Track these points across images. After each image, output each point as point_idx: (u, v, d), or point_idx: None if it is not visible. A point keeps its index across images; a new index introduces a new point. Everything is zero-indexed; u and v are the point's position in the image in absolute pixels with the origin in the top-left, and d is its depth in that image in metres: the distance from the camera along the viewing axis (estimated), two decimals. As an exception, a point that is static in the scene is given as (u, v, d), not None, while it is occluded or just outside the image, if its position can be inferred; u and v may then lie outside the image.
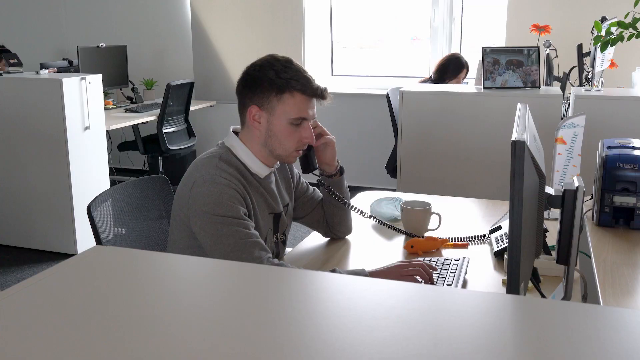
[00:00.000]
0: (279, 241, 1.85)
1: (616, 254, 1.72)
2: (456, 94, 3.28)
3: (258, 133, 1.71)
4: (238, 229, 1.58)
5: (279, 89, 1.66)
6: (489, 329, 0.74)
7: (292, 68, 1.69)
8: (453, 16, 5.16)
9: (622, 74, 4.07)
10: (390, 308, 0.77)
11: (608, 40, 2.29)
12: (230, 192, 1.61)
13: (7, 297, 0.79)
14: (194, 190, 1.62)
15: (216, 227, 1.59)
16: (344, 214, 1.95)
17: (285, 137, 1.70)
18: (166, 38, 5.75)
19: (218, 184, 1.61)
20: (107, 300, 0.79)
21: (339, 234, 1.98)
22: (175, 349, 0.67)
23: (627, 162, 1.84)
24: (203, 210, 1.60)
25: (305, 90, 1.68)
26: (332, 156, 1.87)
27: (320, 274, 0.89)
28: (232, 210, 1.59)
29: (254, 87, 1.69)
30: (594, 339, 0.71)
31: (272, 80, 1.66)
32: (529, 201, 1.12)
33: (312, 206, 1.96)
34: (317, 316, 0.75)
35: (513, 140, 1.03)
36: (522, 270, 1.09)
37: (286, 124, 1.69)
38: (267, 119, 1.69)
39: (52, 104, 3.73)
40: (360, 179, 5.34)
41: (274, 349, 0.67)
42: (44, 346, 0.68)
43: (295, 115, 1.68)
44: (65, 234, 3.91)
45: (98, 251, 0.95)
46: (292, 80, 1.66)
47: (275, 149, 1.72)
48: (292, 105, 1.68)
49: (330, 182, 1.90)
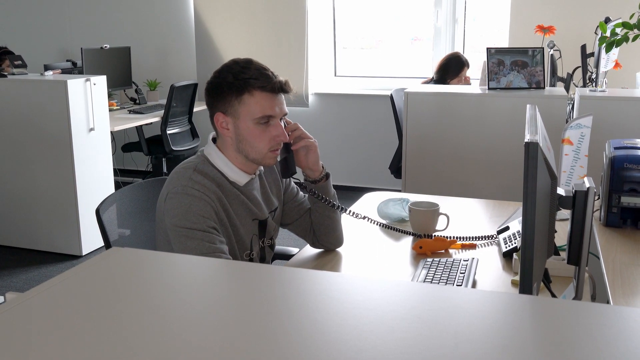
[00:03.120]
0: (265, 246, 1.83)
1: (624, 254, 1.72)
2: (461, 94, 3.28)
3: (229, 140, 1.69)
4: (202, 243, 1.57)
5: (238, 90, 1.64)
6: (507, 328, 0.75)
7: (251, 68, 1.65)
8: (456, 17, 5.16)
9: (626, 75, 4.08)
10: (410, 308, 0.78)
11: (613, 41, 2.29)
12: (200, 205, 1.60)
13: (30, 298, 0.80)
14: (167, 202, 1.63)
15: (181, 240, 1.58)
16: (331, 223, 1.86)
17: (255, 139, 1.66)
18: (169, 39, 5.76)
19: (189, 196, 1.60)
20: (128, 301, 0.80)
21: (327, 244, 1.89)
22: (197, 347, 0.68)
23: (634, 163, 1.85)
24: (172, 222, 1.60)
25: (265, 87, 1.63)
26: (314, 160, 1.79)
27: (338, 275, 0.90)
28: (198, 223, 1.58)
29: (215, 94, 1.67)
30: (608, 338, 0.72)
31: (230, 83, 1.64)
32: (542, 202, 1.13)
33: (299, 214, 1.90)
34: (337, 317, 0.76)
35: (526, 142, 1.04)
36: (535, 271, 1.09)
37: (253, 125, 1.65)
38: (234, 124, 1.67)
39: (57, 106, 3.74)
40: (364, 180, 5.35)
41: (296, 351, 0.68)
42: (69, 346, 0.69)
43: (259, 114, 1.64)
44: (70, 235, 3.92)
45: (116, 253, 0.95)
46: (250, 79, 1.63)
47: (248, 153, 1.68)
48: (254, 104, 1.64)
49: (315, 187, 1.82)
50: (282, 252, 2.08)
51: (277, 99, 1.66)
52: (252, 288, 0.86)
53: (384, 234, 2.05)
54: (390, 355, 0.66)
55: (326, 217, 1.85)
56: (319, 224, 1.86)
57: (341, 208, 1.87)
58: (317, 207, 1.85)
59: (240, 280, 0.89)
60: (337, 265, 1.83)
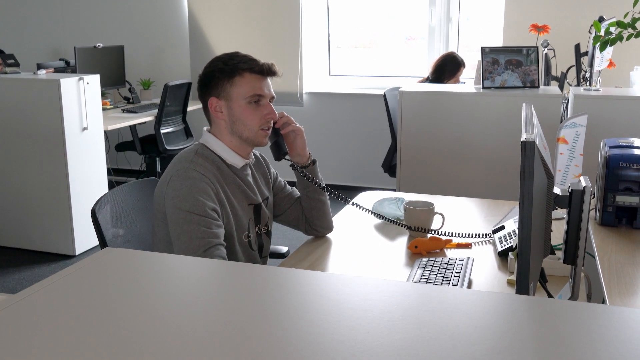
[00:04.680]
0: (262, 232, 1.90)
1: (620, 253, 1.72)
2: (456, 93, 3.28)
3: (224, 123, 1.80)
4: (198, 227, 1.64)
5: (229, 74, 1.77)
6: (504, 329, 0.74)
7: (239, 55, 1.80)
8: (450, 16, 5.16)
9: (619, 74, 4.09)
10: (406, 309, 0.77)
11: (607, 40, 2.29)
12: (201, 186, 1.68)
13: (21, 299, 0.79)
14: (169, 185, 1.70)
15: (178, 222, 1.66)
16: (321, 206, 1.97)
17: (247, 117, 1.77)
18: (163, 38, 5.74)
19: (190, 178, 1.68)
20: (121, 302, 0.79)
21: (320, 229, 1.99)
22: (189, 348, 0.67)
23: (629, 162, 1.85)
24: (173, 203, 1.67)
25: (253, 68, 1.77)
26: (302, 146, 1.91)
27: (333, 276, 0.89)
28: (197, 206, 1.65)
29: (207, 81, 1.80)
30: (605, 338, 0.71)
31: (221, 69, 1.77)
32: (538, 201, 1.12)
33: (289, 203, 2.00)
34: (333, 318, 0.75)
35: (523, 141, 1.03)
36: (532, 270, 1.09)
37: (245, 105, 1.77)
38: (227, 106, 1.78)
39: (50, 105, 3.72)
40: (358, 179, 5.34)
41: (291, 352, 0.67)
42: (61, 347, 0.68)
43: (250, 92, 1.76)
44: (63, 235, 3.90)
45: (109, 253, 0.94)
46: (240, 63, 1.77)
47: (242, 132, 1.79)
48: (245, 85, 1.76)
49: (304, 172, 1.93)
50: (273, 251, 2.08)
51: (265, 81, 1.79)
52: (246, 289, 0.85)
53: (379, 233, 2.05)
54: (387, 357, 0.65)
55: (317, 200, 1.96)
56: (310, 208, 1.96)
57: (330, 190, 1.98)
58: (307, 191, 1.95)
59: (234, 281, 0.88)
60: (333, 265, 1.83)
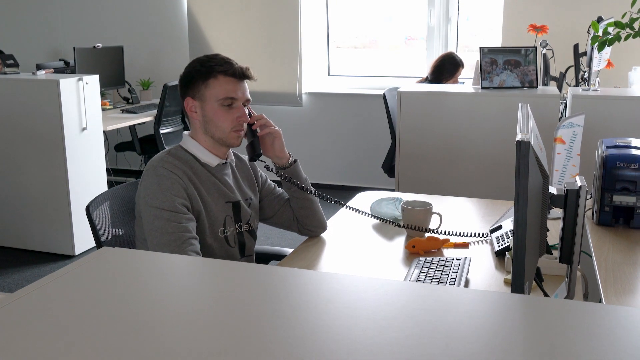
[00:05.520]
0: (243, 231, 1.91)
1: (617, 253, 1.73)
2: (454, 94, 3.29)
3: (198, 123, 1.85)
4: (168, 222, 1.68)
5: (204, 76, 1.81)
6: (498, 328, 0.74)
7: (217, 57, 1.84)
8: (449, 16, 5.17)
9: (618, 74, 4.09)
10: (401, 307, 0.77)
11: (605, 40, 2.30)
12: (168, 183, 1.73)
13: (18, 298, 0.79)
14: (141, 183, 1.77)
15: (150, 219, 1.70)
16: (310, 205, 1.98)
17: (218, 119, 1.81)
18: (163, 38, 5.75)
19: (158, 176, 1.74)
20: (118, 301, 0.79)
21: (312, 228, 2.00)
22: (186, 346, 0.68)
23: (627, 162, 1.85)
24: (144, 201, 1.73)
25: (227, 71, 1.81)
26: (280, 147, 1.93)
27: (329, 275, 0.90)
28: (166, 202, 1.70)
29: (185, 82, 1.85)
30: (600, 336, 0.72)
31: (198, 70, 1.82)
32: (534, 201, 1.13)
33: (279, 204, 2.01)
34: (328, 317, 0.76)
35: (518, 141, 1.04)
36: (527, 269, 1.09)
37: (217, 106, 1.81)
38: (201, 107, 1.83)
39: (49, 105, 3.72)
40: (357, 180, 5.34)
41: (286, 351, 0.68)
42: (58, 346, 0.68)
43: (223, 95, 1.80)
44: (63, 235, 3.90)
45: (106, 253, 0.95)
46: (215, 65, 1.81)
47: (214, 133, 1.83)
48: (218, 87, 1.80)
49: (286, 172, 1.95)
50: (278, 253, 2.10)
51: (240, 85, 1.83)
52: (242, 288, 0.85)
53: (377, 233, 2.05)
54: (381, 355, 0.66)
55: (304, 199, 1.97)
56: (299, 208, 1.98)
57: (314, 192, 1.98)
58: (293, 192, 1.97)
59: (230, 280, 0.88)
60: (330, 264, 1.83)
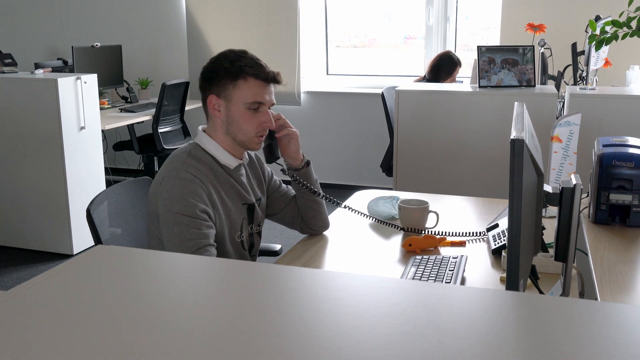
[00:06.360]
0: (254, 232, 1.90)
1: (613, 251, 1.73)
2: (452, 92, 3.29)
3: (220, 122, 1.78)
4: (188, 229, 1.64)
5: (233, 75, 1.74)
6: (491, 325, 0.75)
7: (246, 57, 1.77)
8: (448, 15, 5.17)
9: (616, 73, 4.09)
10: (394, 304, 0.78)
11: (603, 39, 2.30)
12: (192, 187, 1.68)
13: (13, 296, 0.79)
14: (161, 185, 1.70)
15: (169, 224, 1.66)
16: (317, 207, 1.97)
17: (244, 122, 1.76)
18: (161, 37, 5.75)
19: (182, 180, 1.68)
20: (112, 299, 0.79)
21: (315, 228, 2.00)
22: (181, 344, 0.68)
23: (623, 160, 1.86)
24: (164, 205, 1.67)
25: (258, 75, 1.75)
26: (296, 149, 1.91)
27: (323, 272, 0.90)
28: (188, 207, 1.65)
29: (211, 78, 1.78)
30: (594, 334, 0.72)
31: (226, 68, 1.75)
32: (528, 199, 1.13)
33: (285, 202, 1.99)
34: (321, 314, 0.76)
35: (512, 139, 1.04)
36: (522, 267, 1.10)
37: (244, 109, 1.75)
38: (226, 106, 1.76)
39: (47, 104, 3.72)
40: (355, 178, 5.35)
41: (279, 347, 0.68)
42: (53, 344, 0.69)
43: (251, 99, 1.74)
44: (61, 234, 3.90)
45: (101, 250, 0.95)
46: (246, 66, 1.74)
47: (236, 135, 1.78)
48: (247, 90, 1.74)
49: (298, 174, 1.93)
50: (266, 249, 2.09)
51: (268, 88, 1.77)
52: (237, 285, 0.86)
53: (374, 231, 2.05)
54: (373, 352, 0.66)
55: (312, 201, 1.96)
56: (306, 208, 1.96)
57: (323, 195, 1.97)
58: (302, 193, 1.95)
59: (225, 278, 0.89)
60: (327, 263, 1.84)
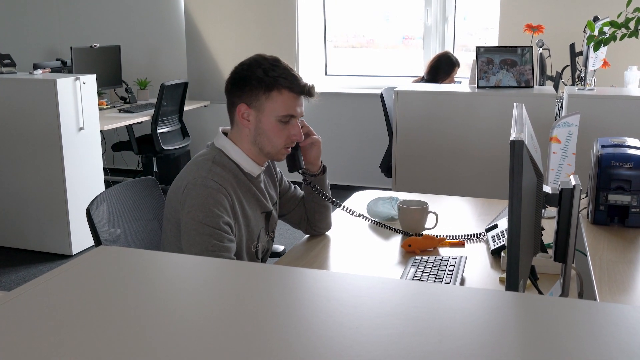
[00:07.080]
0: (269, 239, 1.89)
1: (611, 251, 1.73)
2: (451, 93, 3.29)
3: (247, 131, 1.73)
4: (209, 240, 1.59)
5: (267, 86, 1.68)
6: (491, 325, 0.75)
7: (280, 66, 1.70)
8: (446, 15, 5.18)
9: (614, 73, 4.10)
10: (395, 305, 0.78)
11: (601, 40, 2.31)
12: (217, 197, 1.63)
13: (16, 297, 0.80)
14: (184, 193, 1.64)
15: (191, 233, 1.61)
16: (325, 210, 1.98)
17: (274, 135, 1.72)
18: (160, 38, 5.75)
19: (208, 188, 1.63)
20: (116, 300, 0.80)
21: (320, 230, 2.01)
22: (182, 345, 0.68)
23: (621, 161, 1.86)
24: (188, 213, 1.62)
25: (293, 88, 1.70)
26: (317, 156, 1.90)
27: (324, 273, 0.91)
28: (212, 218, 1.60)
29: (242, 85, 1.71)
30: (593, 334, 0.72)
31: (260, 78, 1.68)
32: (528, 200, 1.13)
33: (295, 203, 1.99)
34: (323, 314, 0.76)
35: (512, 140, 1.04)
36: (521, 267, 1.10)
37: (275, 122, 1.70)
38: (256, 117, 1.71)
39: (46, 105, 3.72)
40: (354, 179, 5.35)
41: (280, 348, 0.68)
42: (55, 345, 0.69)
43: (284, 112, 1.70)
44: (60, 234, 3.90)
45: (103, 251, 0.95)
46: (280, 78, 1.68)
47: (264, 146, 1.73)
48: (281, 102, 1.69)
49: (314, 180, 1.93)
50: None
51: (300, 100, 1.74)
52: (238, 286, 0.86)
53: (374, 232, 2.06)
54: (374, 352, 0.66)
55: (322, 206, 1.97)
56: (314, 212, 1.97)
57: (336, 203, 1.98)
58: (314, 197, 1.95)
59: (226, 279, 0.89)
60: (328, 263, 1.84)
